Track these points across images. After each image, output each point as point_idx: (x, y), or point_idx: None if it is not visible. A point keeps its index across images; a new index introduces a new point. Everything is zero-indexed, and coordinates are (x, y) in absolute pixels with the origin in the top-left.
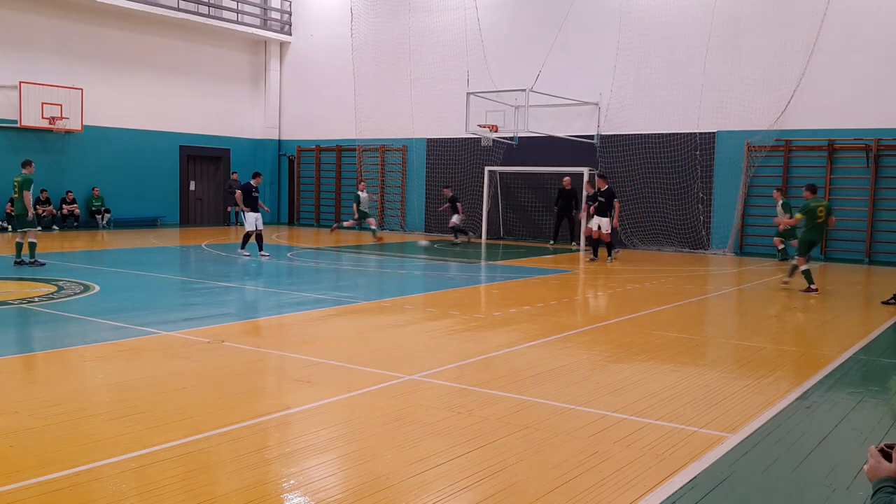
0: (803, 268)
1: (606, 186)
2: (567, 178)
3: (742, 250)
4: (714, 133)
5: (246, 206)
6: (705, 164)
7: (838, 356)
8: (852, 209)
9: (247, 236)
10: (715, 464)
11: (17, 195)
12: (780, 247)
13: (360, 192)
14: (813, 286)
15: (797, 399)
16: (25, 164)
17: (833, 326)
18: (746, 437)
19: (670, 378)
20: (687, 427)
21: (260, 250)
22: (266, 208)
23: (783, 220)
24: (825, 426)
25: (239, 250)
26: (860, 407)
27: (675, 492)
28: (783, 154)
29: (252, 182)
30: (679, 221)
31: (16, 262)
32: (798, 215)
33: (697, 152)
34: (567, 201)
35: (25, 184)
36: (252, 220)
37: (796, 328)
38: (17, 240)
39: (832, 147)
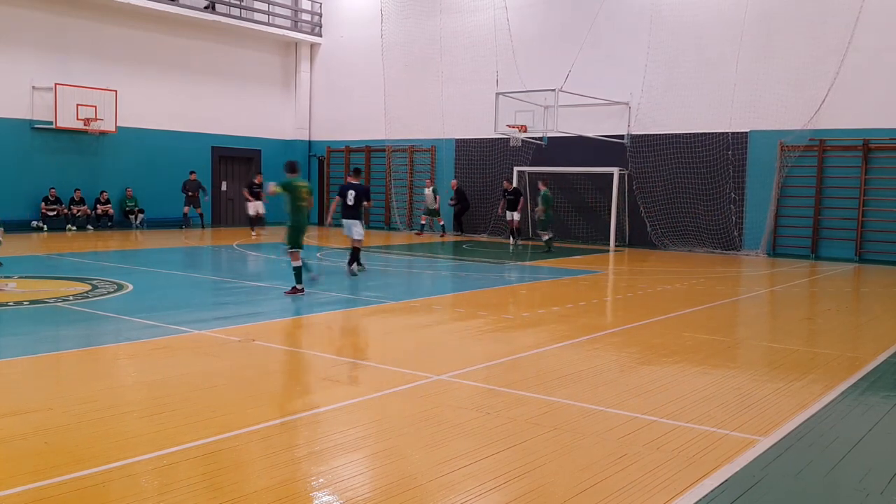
0: (297, 264)
1: (514, 187)
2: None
3: (775, 251)
4: (746, 133)
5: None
6: (737, 164)
7: (873, 359)
8: (888, 210)
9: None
10: (747, 467)
11: None
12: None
13: (426, 190)
14: (300, 287)
15: (830, 402)
16: None
17: (868, 329)
18: (779, 440)
19: (701, 380)
20: (718, 430)
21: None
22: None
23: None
24: (859, 430)
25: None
26: (895, 411)
27: (706, 495)
28: (817, 154)
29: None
30: (711, 222)
31: None
32: (279, 189)
33: (730, 152)
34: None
35: None
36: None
37: (830, 330)
38: None
39: (867, 147)
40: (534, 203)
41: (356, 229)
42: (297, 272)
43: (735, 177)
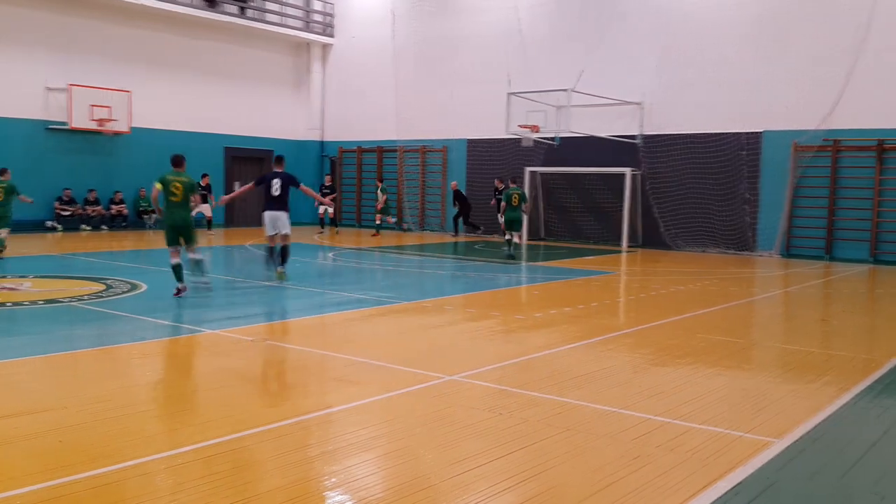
0: (176, 261)
1: (503, 186)
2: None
3: (789, 252)
4: (760, 133)
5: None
6: (751, 165)
7: (888, 361)
8: None
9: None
10: (760, 469)
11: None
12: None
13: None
14: (182, 285)
15: (845, 404)
16: (3, 171)
17: (883, 330)
18: (793, 442)
19: (715, 382)
20: (732, 432)
21: None
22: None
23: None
24: (874, 432)
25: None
26: None
27: (720, 497)
28: (831, 154)
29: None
30: (724, 223)
31: None
32: (158, 185)
33: (743, 152)
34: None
35: (12, 188)
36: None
37: (845, 332)
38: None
39: (882, 147)
40: (533, 203)
41: (282, 222)
42: (175, 270)
43: (749, 177)
